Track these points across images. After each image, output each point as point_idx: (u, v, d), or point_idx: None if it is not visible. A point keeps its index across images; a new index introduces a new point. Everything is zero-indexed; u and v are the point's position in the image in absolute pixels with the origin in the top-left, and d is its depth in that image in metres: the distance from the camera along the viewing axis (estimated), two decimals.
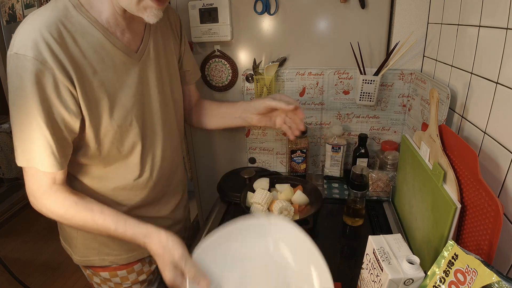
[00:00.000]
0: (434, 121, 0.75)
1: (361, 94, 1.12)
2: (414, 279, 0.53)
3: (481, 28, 0.71)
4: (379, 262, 0.56)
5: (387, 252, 0.57)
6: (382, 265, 0.55)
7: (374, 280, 0.58)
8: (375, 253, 0.58)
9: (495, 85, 0.65)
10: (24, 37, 0.59)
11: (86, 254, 0.84)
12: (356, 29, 1.10)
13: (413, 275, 0.53)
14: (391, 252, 0.57)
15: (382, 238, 0.61)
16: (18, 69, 0.58)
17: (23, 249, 2.29)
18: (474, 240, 0.61)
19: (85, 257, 0.84)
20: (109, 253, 0.84)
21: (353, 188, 0.94)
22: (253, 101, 0.94)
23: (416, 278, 0.53)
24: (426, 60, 1.07)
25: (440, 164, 0.70)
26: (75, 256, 0.85)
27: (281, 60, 1.16)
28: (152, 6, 0.64)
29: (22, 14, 2.07)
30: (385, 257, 0.56)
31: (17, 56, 0.58)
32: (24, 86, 0.59)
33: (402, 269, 0.54)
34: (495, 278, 0.44)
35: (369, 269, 0.61)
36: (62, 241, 0.90)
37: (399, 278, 0.53)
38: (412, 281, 0.54)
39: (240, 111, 0.96)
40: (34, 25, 0.59)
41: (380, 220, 0.99)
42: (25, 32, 0.59)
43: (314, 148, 1.30)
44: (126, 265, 0.87)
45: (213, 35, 1.17)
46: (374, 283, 0.58)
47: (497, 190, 0.63)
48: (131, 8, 0.65)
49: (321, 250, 0.67)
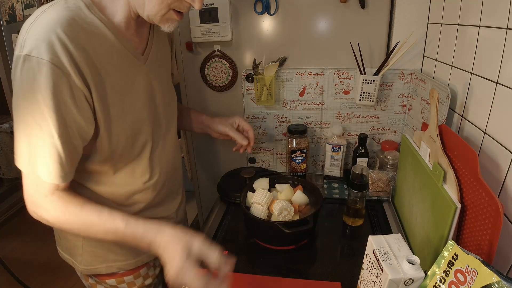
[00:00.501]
0: (434, 121, 0.75)
1: (361, 94, 1.12)
2: (414, 279, 0.53)
3: (481, 28, 0.71)
4: (379, 262, 0.56)
5: (387, 252, 0.57)
6: (382, 265, 0.55)
7: (374, 280, 0.58)
8: (375, 253, 0.58)
9: (495, 85, 0.65)
10: (38, 37, 0.55)
11: (92, 262, 0.81)
12: (356, 29, 1.10)
13: (413, 275, 0.53)
14: (391, 252, 0.57)
15: (382, 238, 0.60)
16: (30, 73, 0.54)
17: (23, 249, 2.29)
18: (474, 240, 0.61)
19: (91, 266, 0.82)
20: (116, 259, 0.82)
21: (353, 188, 0.94)
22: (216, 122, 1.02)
23: (416, 278, 0.53)
24: (426, 60, 1.07)
25: (440, 164, 0.70)
26: (79, 266, 0.82)
27: (281, 60, 1.16)
28: (175, 19, 0.67)
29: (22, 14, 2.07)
30: (385, 257, 0.56)
31: (29, 58, 0.54)
32: (37, 91, 0.55)
33: (402, 269, 0.54)
34: (495, 278, 0.44)
35: (369, 269, 0.61)
36: (62, 252, 0.87)
37: (399, 278, 0.53)
38: (412, 281, 0.53)
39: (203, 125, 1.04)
40: (48, 25, 0.55)
41: (380, 220, 0.99)
42: (38, 32, 0.55)
43: (314, 148, 1.30)
44: (133, 270, 0.85)
45: (213, 35, 1.17)
46: (374, 283, 0.58)
47: (497, 190, 0.63)
48: (155, 18, 0.65)
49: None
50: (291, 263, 0.85)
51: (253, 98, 1.25)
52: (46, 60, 0.54)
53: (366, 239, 0.63)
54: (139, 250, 0.84)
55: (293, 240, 0.88)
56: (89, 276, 0.86)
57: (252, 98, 1.25)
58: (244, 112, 1.29)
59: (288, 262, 0.85)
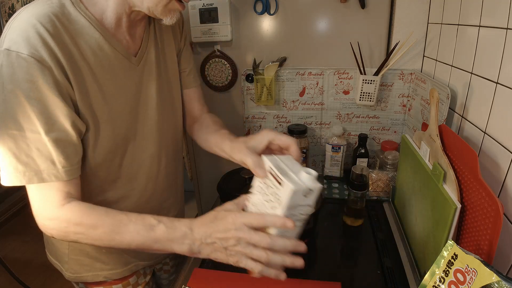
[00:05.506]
0: (434, 121, 0.75)
1: (361, 94, 1.12)
2: (313, 190, 0.53)
3: (481, 28, 0.71)
4: (276, 178, 0.53)
5: (283, 168, 0.55)
6: (282, 179, 0.52)
7: (270, 200, 0.55)
8: (271, 170, 0.54)
9: (495, 85, 0.65)
10: (17, 32, 0.52)
11: (78, 270, 0.79)
12: (356, 29, 1.10)
13: (312, 185, 0.53)
14: (287, 168, 0.55)
15: (276, 157, 0.58)
16: (9, 68, 0.52)
17: (23, 249, 2.29)
18: (474, 240, 0.61)
19: (77, 274, 0.79)
20: (103, 268, 0.79)
21: (353, 188, 0.94)
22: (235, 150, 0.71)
23: (315, 188, 0.53)
24: (426, 60, 1.07)
25: (440, 164, 0.70)
26: (66, 273, 0.80)
27: (281, 60, 1.16)
28: (177, 9, 0.64)
29: None
30: (283, 172, 0.53)
31: (8, 53, 0.52)
32: (16, 88, 0.52)
33: (301, 180, 0.52)
34: (495, 278, 0.44)
35: (260, 192, 0.57)
36: (50, 257, 0.84)
37: (300, 188, 0.51)
38: (311, 192, 0.53)
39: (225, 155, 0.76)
40: (28, 20, 0.53)
41: (380, 220, 0.99)
42: (18, 27, 0.53)
43: (314, 148, 1.30)
44: (121, 279, 0.83)
45: (213, 35, 1.17)
46: (268, 203, 0.55)
47: (497, 190, 0.63)
48: (157, 10, 0.62)
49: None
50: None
51: (253, 98, 1.25)
52: (25, 54, 0.52)
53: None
54: (128, 259, 0.81)
55: None
56: (77, 284, 0.84)
57: (252, 98, 1.25)
58: (244, 112, 1.29)
59: None
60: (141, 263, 0.84)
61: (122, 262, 0.81)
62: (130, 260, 0.82)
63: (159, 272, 0.98)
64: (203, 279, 0.77)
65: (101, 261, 0.79)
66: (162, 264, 0.97)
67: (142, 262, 0.85)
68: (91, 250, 0.77)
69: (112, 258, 0.79)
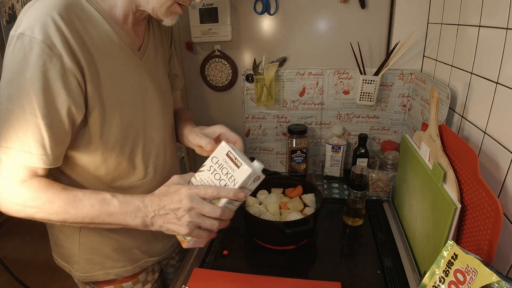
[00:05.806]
0: (434, 121, 0.75)
1: (361, 94, 1.12)
2: (261, 177, 0.63)
3: (481, 28, 0.71)
4: (235, 161, 0.61)
5: (240, 155, 0.62)
6: (242, 162, 0.61)
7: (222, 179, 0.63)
8: (229, 154, 0.62)
9: (495, 85, 0.65)
10: (33, 18, 0.55)
11: (89, 269, 0.80)
12: (356, 29, 1.10)
13: (260, 174, 0.63)
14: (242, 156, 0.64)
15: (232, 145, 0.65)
16: (21, 51, 0.54)
17: (23, 249, 2.29)
18: (474, 240, 0.61)
19: (88, 273, 0.80)
20: (114, 266, 0.81)
21: (353, 188, 0.94)
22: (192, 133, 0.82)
23: (262, 177, 0.63)
24: (426, 60, 1.07)
25: (440, 164, 0.70)
26: (76, 273, 0.81)
27: (281, 60, 1.16)
28: (178, 12, 0.69)
29: None
30: (240, 157, 0.61)
31: (22, 36, 0.54)
32: (25, 70, 0.55)
33: (254, 167, 0.61)
34: (495, 278, 0.44)
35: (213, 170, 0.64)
36: (58, 259, 0.85)
37: (254, 174, 0.61)
38: (258, 179, 0.63)
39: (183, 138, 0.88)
40: (44, 8, 0.56)
41: (380, 220, 0.99)
42: (35, 13, 0.55)
43: (314, 148, 1.30)
44: (131, 276, 0.84)
45: (213, 35, 1.17)
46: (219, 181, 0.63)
47: (497, 190, 0.63)
48: (160, 11, 0.66)
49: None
50: (291, 263, 0.85)
51: (253, 98, 1.25)
52: (39, 39, 0.54)
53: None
54: (138, 255, 0.83)
55: (293, 240, 0.88)
56: (87, 284, 0.84)
57: (252, 98, 1.25)
58: (244, 112, 1.29)
59: (288, 262, 0.85)
60: (150, 260, 0.86)
61: (133, 259, 0.83)
62: (140, 257, 0.84)
63: (165, 268, 1.00)
64: (203, 279, 0.77)
65: (111, 258, 0.80)
66: (169, 259, 0.99)
67: (151, 259, 0.86)
68: (102, 247, 0.78)
69: (122, 254, 0.81)
